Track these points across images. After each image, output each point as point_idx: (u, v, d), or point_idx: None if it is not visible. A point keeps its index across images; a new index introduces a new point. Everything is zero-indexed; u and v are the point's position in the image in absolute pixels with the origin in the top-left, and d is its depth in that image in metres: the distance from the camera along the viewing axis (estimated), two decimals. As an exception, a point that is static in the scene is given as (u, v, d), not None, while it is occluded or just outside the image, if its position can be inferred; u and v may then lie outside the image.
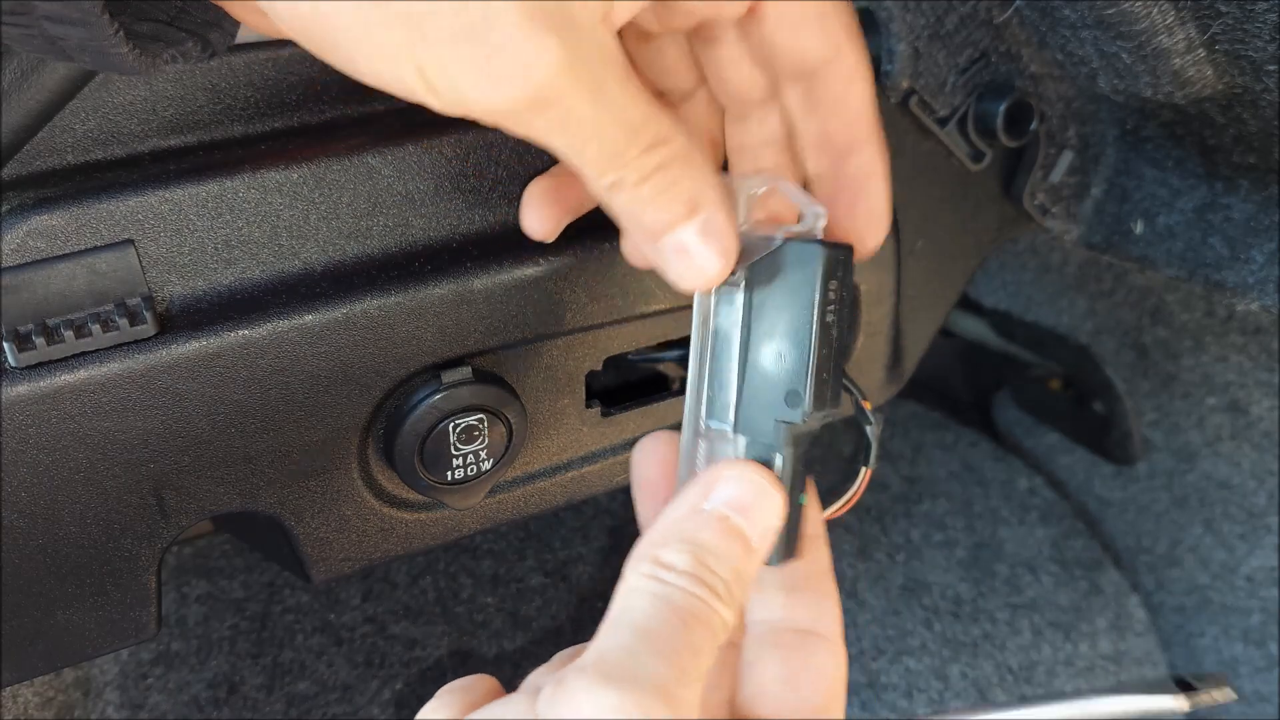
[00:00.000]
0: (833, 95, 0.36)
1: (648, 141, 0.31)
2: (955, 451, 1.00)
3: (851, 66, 0.35)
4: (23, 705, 0.67)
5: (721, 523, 0.32)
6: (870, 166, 0.37)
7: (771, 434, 0.35)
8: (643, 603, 0.30)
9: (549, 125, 0.29)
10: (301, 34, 0.28)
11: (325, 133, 0.41)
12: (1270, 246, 0.51)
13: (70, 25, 0.27)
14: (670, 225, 0.32)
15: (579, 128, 0.29)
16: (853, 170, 0.37)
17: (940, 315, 0.61)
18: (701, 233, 0.32)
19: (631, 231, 0.33)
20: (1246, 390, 0.80)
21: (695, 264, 0.33)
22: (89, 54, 0.28)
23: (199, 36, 0.30)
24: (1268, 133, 0.47)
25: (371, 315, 0.41)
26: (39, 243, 0.36)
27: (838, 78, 0.35)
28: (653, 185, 0.31)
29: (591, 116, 0.29)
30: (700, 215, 0.32)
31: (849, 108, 0.36)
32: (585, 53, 0.28)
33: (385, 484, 0.46)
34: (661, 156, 0.31)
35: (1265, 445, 0.81)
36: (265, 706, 0.72)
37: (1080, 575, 0.89)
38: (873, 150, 0.37)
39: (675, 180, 0.32)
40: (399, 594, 0.80)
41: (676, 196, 0.32)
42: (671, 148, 0.31)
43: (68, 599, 0.41)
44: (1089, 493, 0.96)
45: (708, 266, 0.33)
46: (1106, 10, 0.44)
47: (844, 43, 0.35)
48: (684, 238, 0.32)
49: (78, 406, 0.37)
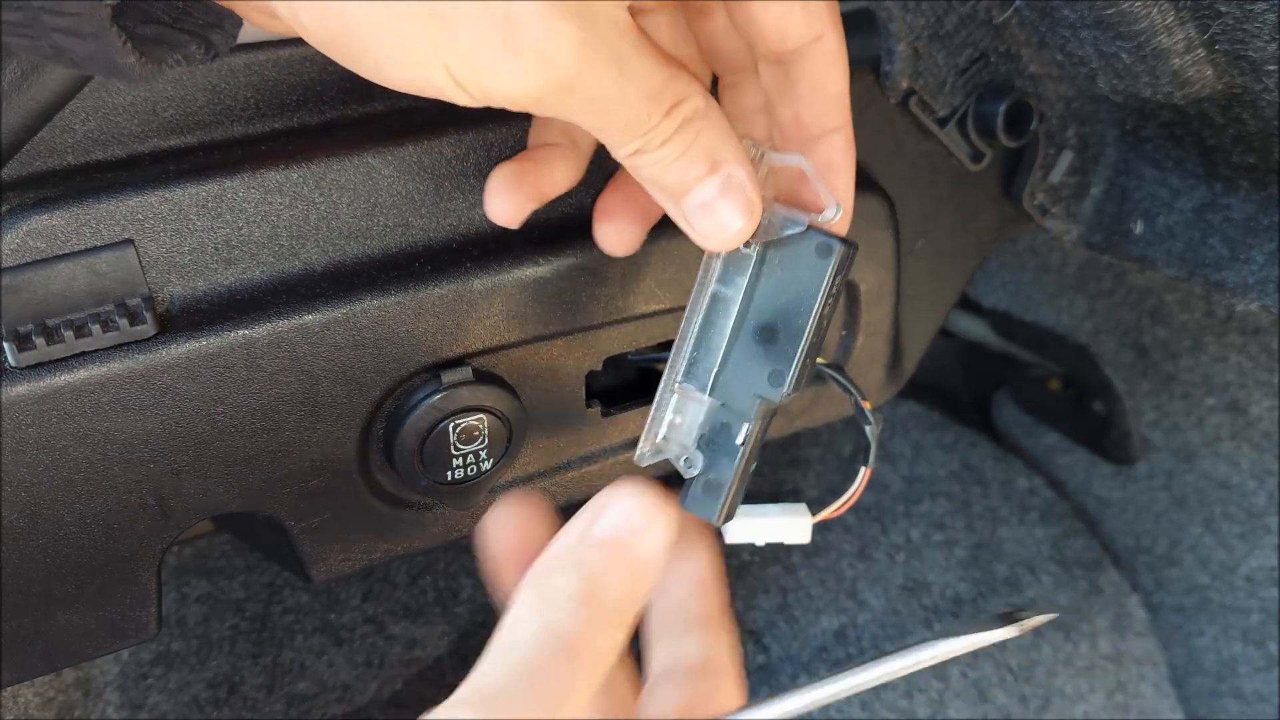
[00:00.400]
0: (810, 79, 0.36)
1: (669, 103, 0.31)
2: (955, 451, 1.00)
3: (831, 51, 0.35)
4: (23, 705, 0.67)
5: (610, 547, 0.30)
6: (839, 154, 0.37)
7: (744, 405, 0.37)
8: (526, 632, 0.28)
9: (575, 105, 0.30)
10: (325, 40, 0.28)
11: (325, 133, 0.41)
12: (1270, 246, 0.51)
13: (79, 38, 0.27)
14: (693, 183, 0.33)
15: (605, 104, 0.30)
16: (823, 156, 0.37)
17: (940, 315, 0.61)
18: (724, 189, 0.33)
19: (655, 194, 0.34)
20: (1246, 390, 0.80)
21: (719, 220, 0.33)
22: (96, 62, 0.28)
23: (201, 38, 0.30)
24: (1267, 133, 0.47)
25: (371, 315, 0.41)
26: (39, 243, 0.36)
27: (817, 62, 0.35)
28: (674, 145, 0.32)
29: (616, 92, 0.30)
30: (722, 170, 0.33)
31: (825, 93, 0.36)
32: (603, 32, 0.29)
33: (385, 484, 0.46)
34: (682, 115, 0.32)
35: (1265, 445, 0.81)
36: (265, 706, 0.72)
37: (1080, 575, 0.89)
38: (843, 138, 0.37)
39: (696, 137, 0.32)
40: (399, 594, 0.80)
41: (698, 154, 0.32)
42: (692, 104, 0.32)
43: (68, 599, 0.41)
44: (1089, 493, 0.96)
45: (731, 223, 0.33)
46: (1106, 10, 0.44)
47: (827, 27, 0.35)
48: (707, 195, 0.33)
49: (78, 406, 0.37)
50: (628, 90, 0.30)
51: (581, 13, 0.28)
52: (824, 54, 0.35)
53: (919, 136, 0.53)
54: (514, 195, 0.40)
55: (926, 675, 0.80)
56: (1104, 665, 0.84)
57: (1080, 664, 0.83)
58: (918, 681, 0.80)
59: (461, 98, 0.29)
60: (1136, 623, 0.88)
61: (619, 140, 0.32)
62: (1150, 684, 0.85)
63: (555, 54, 0.28)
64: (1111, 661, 0.85)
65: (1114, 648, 0.86)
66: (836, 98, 0.36)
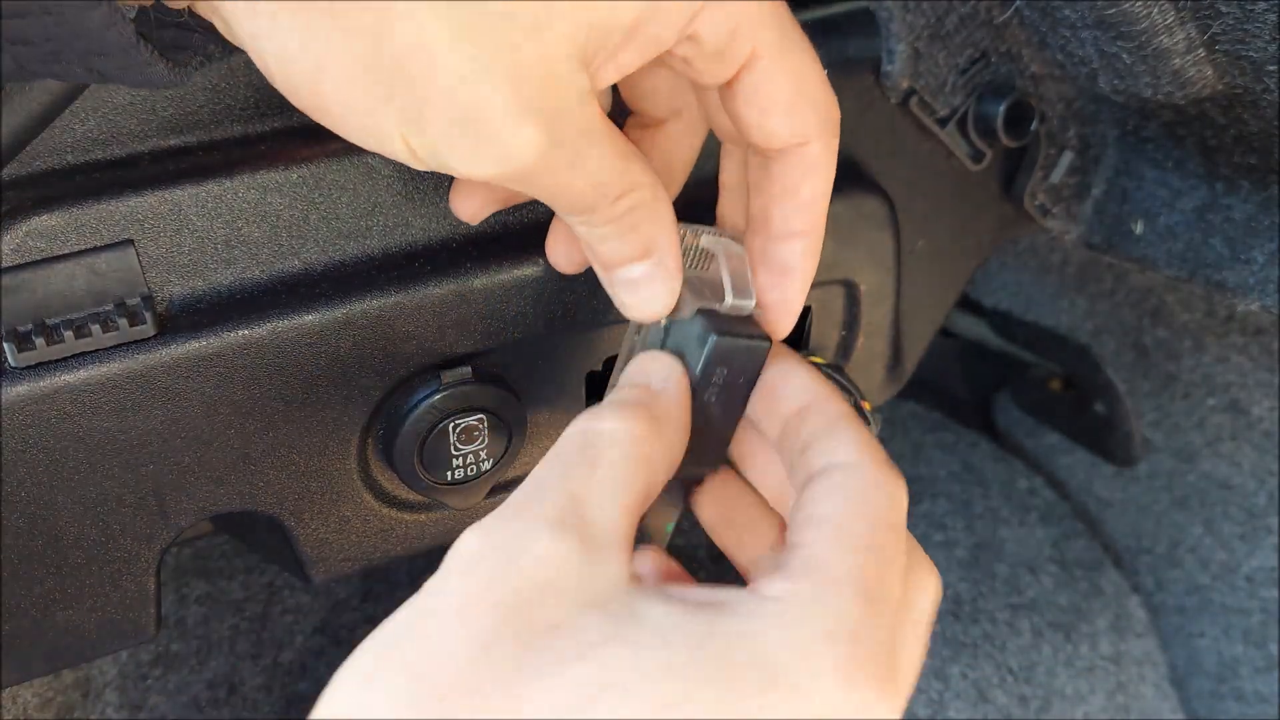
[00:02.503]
0: (784, 181, 0.36)
1: (616, 194, 0.32)
2: (955, 451, 1.00)
3: (812, 159, 0.35)
4: (22, 706, 0.67)
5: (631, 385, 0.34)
6: (796, 258, 0.37)
7: None
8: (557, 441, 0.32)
9: (529, 188, 0.32)
10: (288, 89, 0.29)
11: (325, 133, 0.41)
12: (1271, 247, 0.51)
13: (108, 56, 0.28)
14: (623, 262, 0.35)
15: (554, 191, 0.32)
16: (781, 256, 0.37)
17: (940, 315, 0.61)
18: (649, 273, 0.35)
19: (589, 258, 0.36)
20: (1247, 391, 0.80)
21: (640, 298, 0.35)
22: (128, 75, 0.29)
23: (213, 33, 0.30)
24: (1268, 133, 0.47)
25: (371, 315, 0.41)
26: (38, 243, 0.36)
27: (795, 166, 0.35)
28: (613, 227, 0.33)
29: (566, 183, 0.31)
30: (653, 257, 0.34)
31: (797, 197, 0.36)
32: (567, 134, 0.30)
33: (385, 484, 0.45)
34: (628, 204, 0.33)
35: (1265, 445, 0.81)
36: (265, 707, 0.72)
37: (1080, 575, 0.89)
38: (805, 245, 0.37)
39: (636, 225, 0.34)
40: (399, 594, 0.80)
41: (634, 239, 0.34)
42: (638, 194, 0.33)
43: (67, 599, 0.41)
44: (1089, 493, 0.96)
45: (650, 303, 0.35)
46: (1106, 10, 0.44)
47: (813, 135, 0.35)
48: (633, 274, 0.35)
49: (77, 406, 0.37)
50: (578, 183, 0.32)
51: (547, 111, 0.29)
52: (804, 160, 0.35)
53: (919, 136, 0.53)
54: (478, 193, 0.40)
55: (927, 675, 0.80)
56: (1104, 666, 0.84)
57: (1081, 664, 0.83)
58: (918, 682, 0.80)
59: (416, 164, 0.30)
60: (1137, 623, 0.88)
61: (565, 213, 0.34)
62: (1151, 685, 0.85)
63: (516, 153, 0.29)
64: (1112, 662, 0.85)
65: (1114, 648, 0.85)
66: (808, 204, 0.36)
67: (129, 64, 0.28)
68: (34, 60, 0.28)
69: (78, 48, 0.28)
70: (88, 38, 0.27)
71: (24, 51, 0.28)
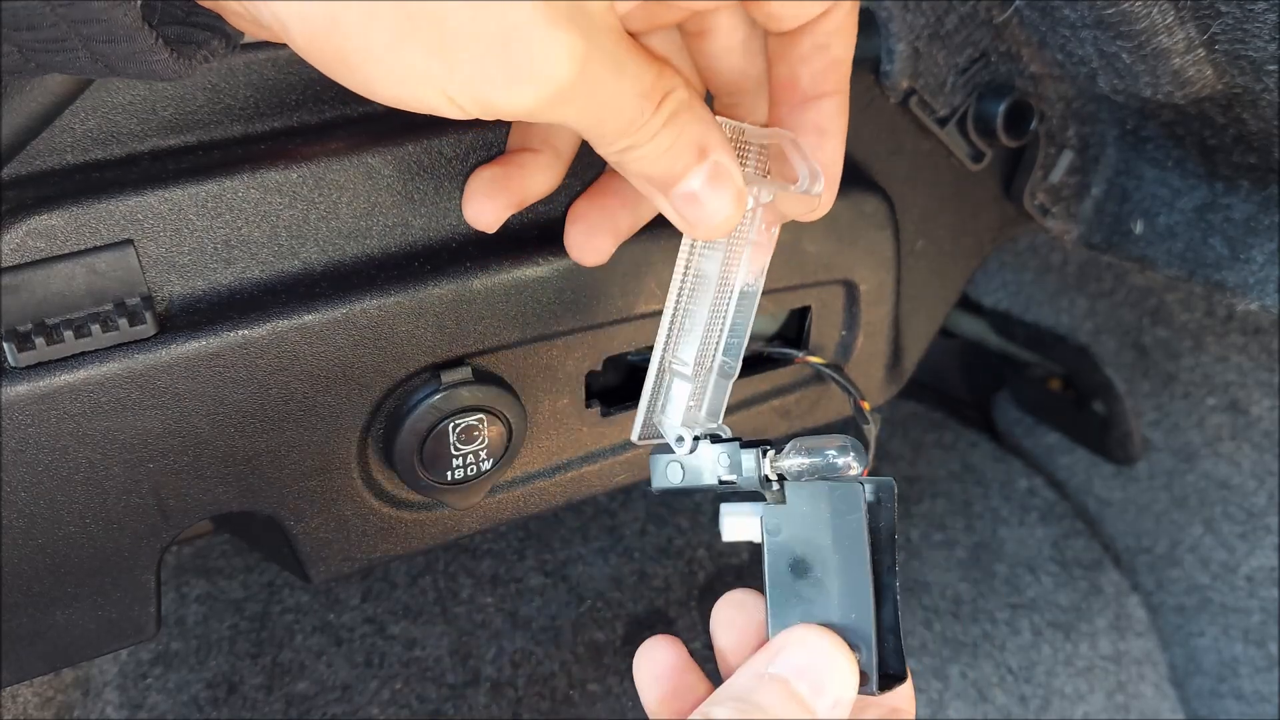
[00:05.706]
0: (813, 42, 0.35)
1: (659, 97, 0.31)
2: (955, 451, 1.00)
3: (842, 18, 0.35)
4: (22, 705, 0.67)
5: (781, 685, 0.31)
6: (830, 119, 0.36)
7: None
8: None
9: (572, 112, 0.30)
10: (312, 51, 0.28)
11: (325, 133, 0.41)
12: (1270, 246, 0.51)
13: (113, 42, 0.28)
14: (681, 174, 0.33)
15: (601, 107, 0.30)
16: (813, 120, 0.36)
17: (940, 315, 0.61)
18: (710, 177, 0.33)
19: (643, 187, 0.34)
20: (1246, 390, 0.80)
21: (707, 208, 0.33)
22: (132, 64, 0.29)
23: (219, 31, 0.30)
24: (1268, 133, 0.47)
25: (371, 315, 0.41)
26: (38, 243, 0.36)
27: (825, 27, 0.35)
28: (663, 138, 0.32)
29: (613, 94, 0.30)
30: (709, 159, 0.33)
31: (828, 54, 0.36)
32: (602, 39, 0.29)
33: (385, 484, 0.46)
34: (670, 108, 0.32)
35: (1265, 445, 0.81)
36: (265, 706, 0.72)
37: (1080, 575, 0.89)
38: (836, 103, 0.36)
39: (683, 128, 0.32)
40: (399, 594, 0.80)
41: (685, 144, 0.32)
42: (678, 96, 0.32)
43: (67, 599, 0.41)
44: (1089, 493, 0.96)
45: (719, 210, 0.34)
46: (1106, 10, 0.44)
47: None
48: (694, 184, 0.33)
49: (77, 406, 0.37)
50: (623, 91, 0.30)
51: (577, 18, 0.28)
52: (834, 21, 0.35)
53: (919, 136, 0.53)
54: (493, 199, 0.40)
55: (926, 675, 0.80)
56: (1104, 665, 0.84)
57: (1080, 664, 0.83)
58: (918, 682, 0.80)
59: (454, 113, 0.29)
60: (1137, 623, 0.88)
61: (611, 138, 0.32)
62: (1150, 684, 0.85)
63: (556, 66, 0.28)
64: (1112, 662, 0.85)
65: (1114, 648, 0.86)
66: (838, 62, 0.36)
67: (134, 51, 0.28)
68: (38, 49, 0.28)
69: (83, 32, 0.27)
70: (93, 21, 0.27)
71: (28, 38, 0.27)
